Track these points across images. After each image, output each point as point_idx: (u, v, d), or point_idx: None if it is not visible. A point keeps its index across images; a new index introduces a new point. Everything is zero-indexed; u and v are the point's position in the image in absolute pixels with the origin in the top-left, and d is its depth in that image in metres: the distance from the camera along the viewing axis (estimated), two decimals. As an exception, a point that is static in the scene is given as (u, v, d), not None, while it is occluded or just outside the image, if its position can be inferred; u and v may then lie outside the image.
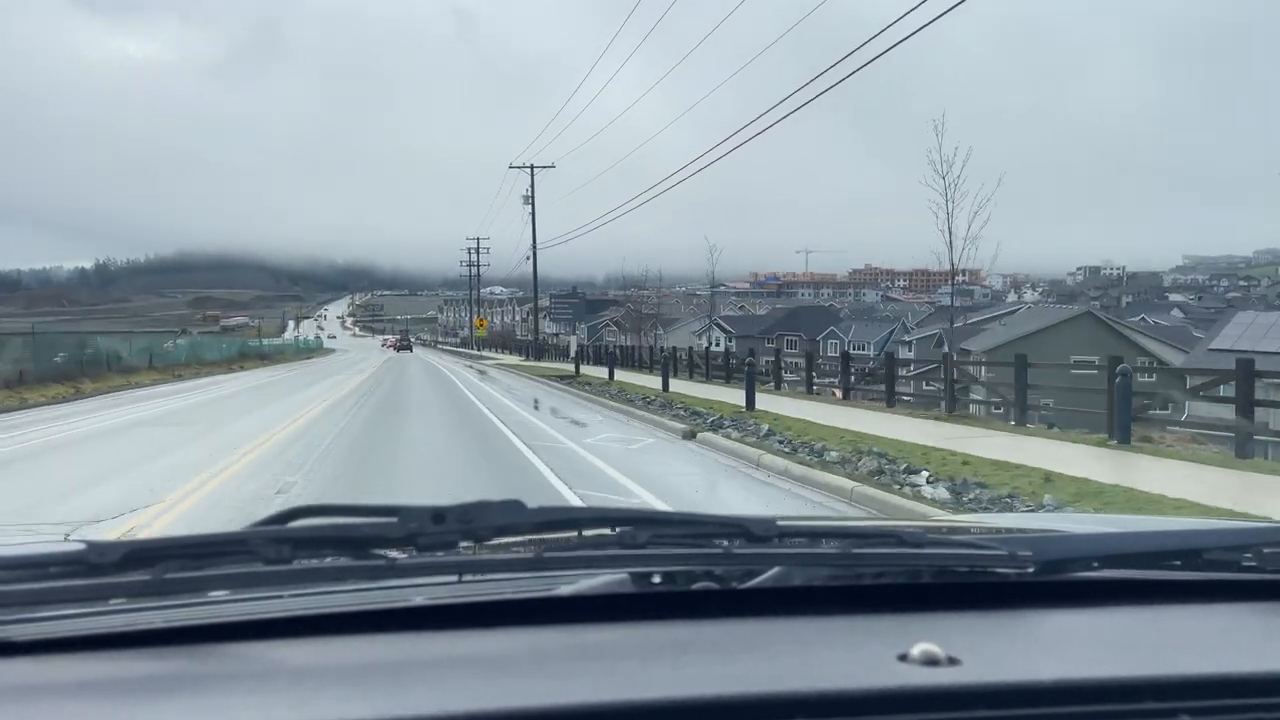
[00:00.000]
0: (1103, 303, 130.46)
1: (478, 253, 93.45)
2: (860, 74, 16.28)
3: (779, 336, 76.63)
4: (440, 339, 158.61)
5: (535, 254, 57.56)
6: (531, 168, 57.32)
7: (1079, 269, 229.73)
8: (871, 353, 64.27)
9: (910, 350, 63.02)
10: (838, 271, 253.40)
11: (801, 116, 17.50)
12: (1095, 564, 1.35)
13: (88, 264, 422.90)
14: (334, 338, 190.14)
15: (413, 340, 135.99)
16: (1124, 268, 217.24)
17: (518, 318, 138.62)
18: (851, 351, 37.41)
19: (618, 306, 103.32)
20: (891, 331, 79.33)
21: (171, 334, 78.51)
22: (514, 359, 65.81)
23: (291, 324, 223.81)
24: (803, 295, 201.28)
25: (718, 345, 59.86)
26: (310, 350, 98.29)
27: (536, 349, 62.80)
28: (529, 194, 57.72)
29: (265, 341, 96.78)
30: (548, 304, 60.61)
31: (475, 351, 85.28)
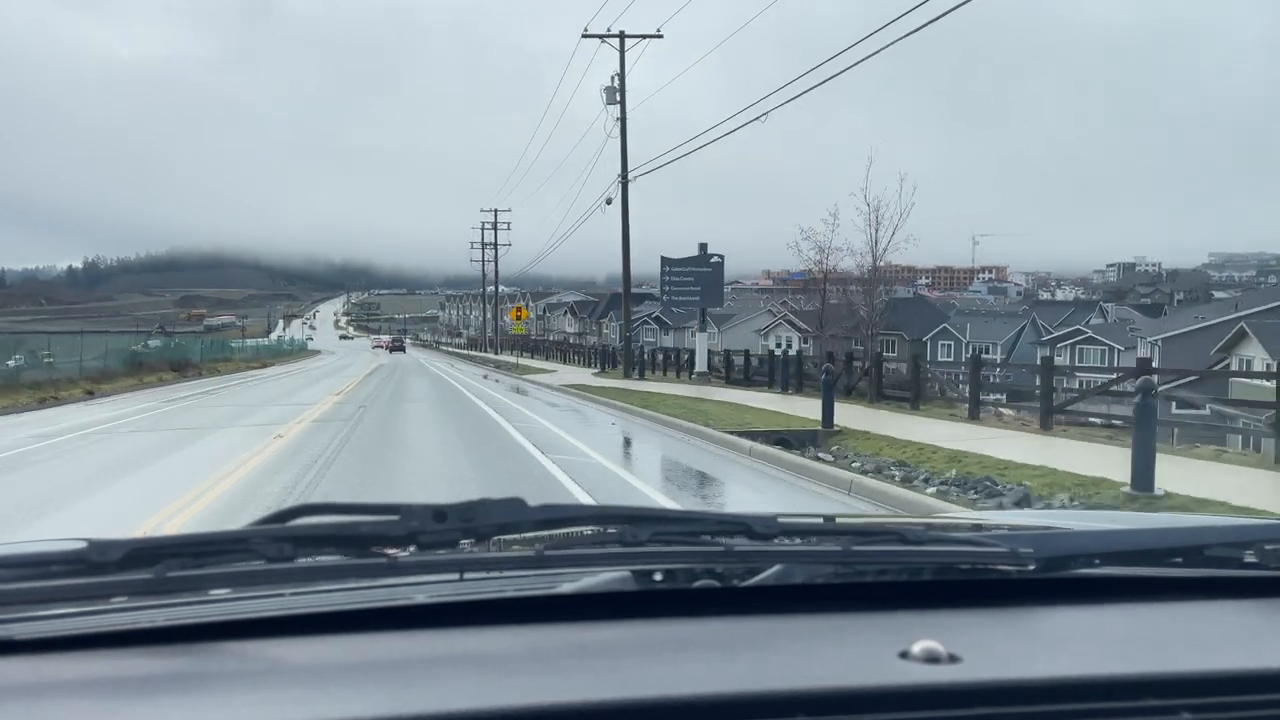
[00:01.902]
0: (1153, 300, 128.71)
1: (495, 230, 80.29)
2: (866, 61, 16.43)
3: (871, 335, 69.47)
4: (442, 339, 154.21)
5: (625, 170, 35.86)
6: (622, 35, 35.25)
7: (1109, 265, 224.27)
8: (998, 356, 57.43)
9: (1097, 358, 54.43)
10: (854, 269, 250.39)
11: (810, 102, 17.61)
12: (1097, 561, 1.39)
13: (79, 263, 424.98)
14: (347, 338, 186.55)
15: (408, 340, 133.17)
16: (1160, 264, 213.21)
17: (532, 315, 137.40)
18: (971, 356, 28.55)
19: (654, 301, 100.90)
20: (1021, 329, 72.63)
21: (144, 334, 74.57)
22: (573, 371, 43.08)
23: (281, 323, 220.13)
24: (830, 292, 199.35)
25: (789, 346, 52.33)
26: (278, 353, 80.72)
27: (626, 356, 37.05)
28: (616, 81, 35.58)
29: (248, 342, 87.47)
30: (637, 294, 44.00)
31: (495, 355, 65.63)
